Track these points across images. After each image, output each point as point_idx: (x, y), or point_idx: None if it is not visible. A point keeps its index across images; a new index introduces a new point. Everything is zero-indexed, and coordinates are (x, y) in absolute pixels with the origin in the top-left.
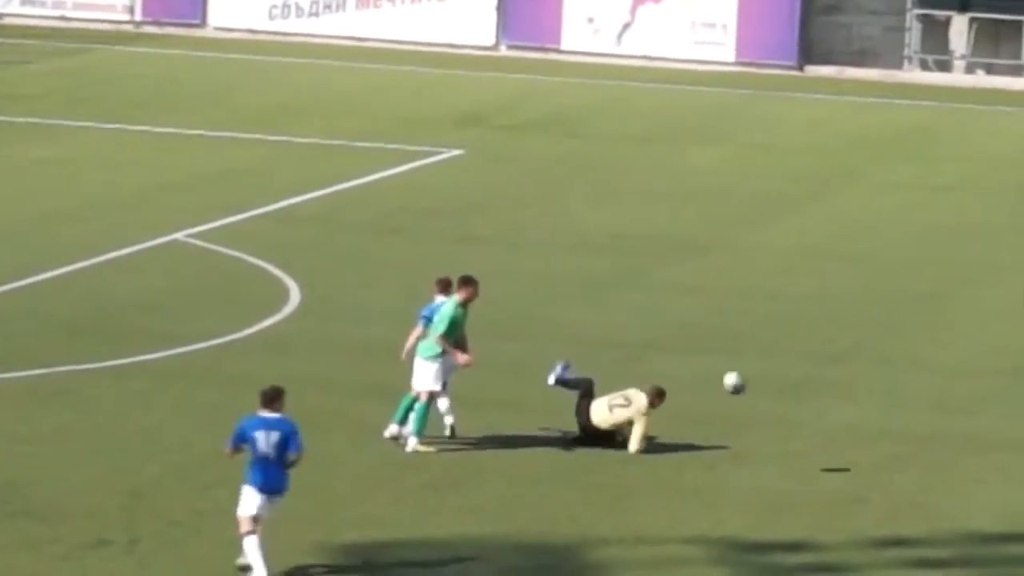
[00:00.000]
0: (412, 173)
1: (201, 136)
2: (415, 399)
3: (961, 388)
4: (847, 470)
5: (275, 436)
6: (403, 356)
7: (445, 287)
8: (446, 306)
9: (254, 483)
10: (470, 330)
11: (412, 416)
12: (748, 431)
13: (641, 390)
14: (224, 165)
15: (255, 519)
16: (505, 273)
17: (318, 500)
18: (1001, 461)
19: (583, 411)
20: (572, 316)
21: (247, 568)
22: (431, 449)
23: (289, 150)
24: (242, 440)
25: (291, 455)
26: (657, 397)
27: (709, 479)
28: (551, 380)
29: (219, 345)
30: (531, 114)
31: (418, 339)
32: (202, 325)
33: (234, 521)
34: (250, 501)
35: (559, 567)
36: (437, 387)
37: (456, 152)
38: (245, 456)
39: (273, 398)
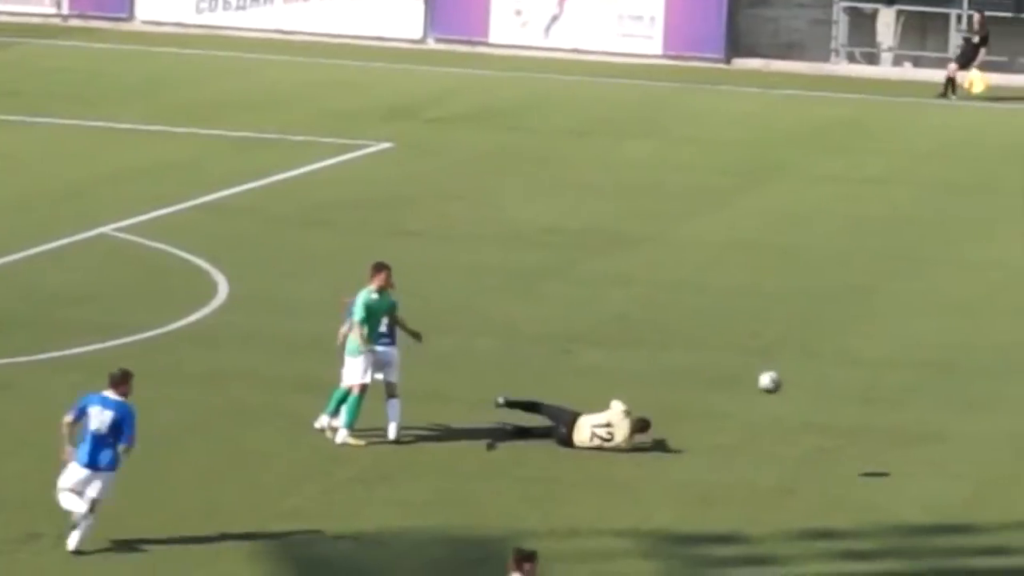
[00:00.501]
0: (341, 166)
1: (131, 130)
2: (348, 392)
3: (888, 381)
4: (886, 474)
5: (108, 416)
6: (337, 343)
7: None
8: (359, 296)
9: (79, 458)
10: (412, 323)
11: (343, 408)
12: (677, 424)
13: (624, 415)
14: (154, 159)
15: (75, 492)
16: (435, 266)
17: (247, 493)
18: (928, 453)
19: (564, 438)
20: (502, 309)
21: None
22: (360, 442)
23: (218, 143)
24: (81, 412)
25: (121, 445)
26: (640, 431)
27: (638, 472)
28: (500, 400)
29: (148, 338)
30: (460, 107)
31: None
32: (131, 318)
33: (162, 513)
34: (69, 475)
35: (489, 560)
36: (367, 380)
37: (385, 145)
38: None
39: (120, 381)
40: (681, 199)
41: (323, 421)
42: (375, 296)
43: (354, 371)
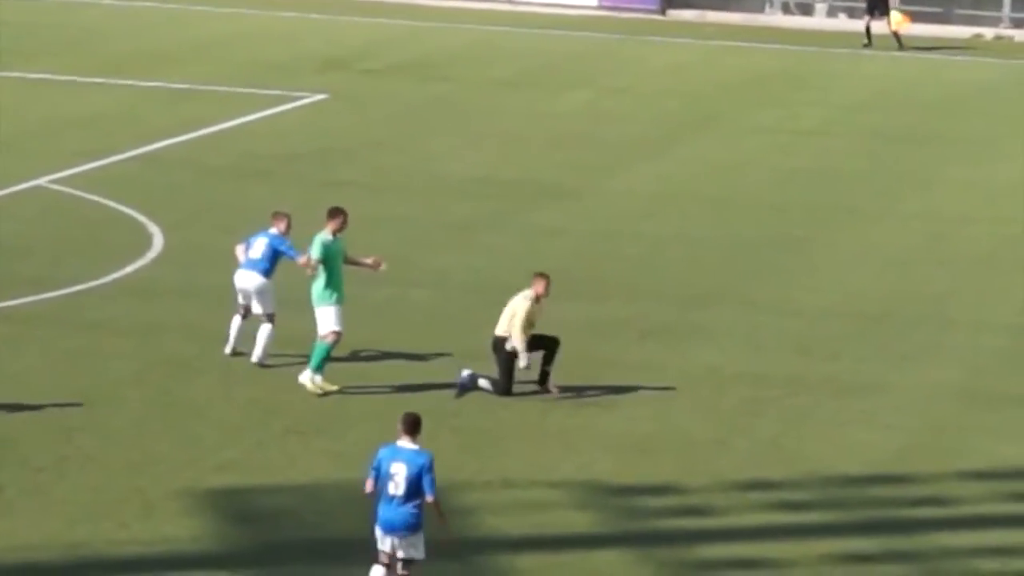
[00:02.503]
0: (276, 118)
1: (66, 82)
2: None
3: (823, 332)
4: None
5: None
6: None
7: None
8: (316, 237)
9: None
10: (346, 275)
11: (314, 354)
12: (612, 375)
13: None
14: (88, 110)
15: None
16: (369, 218)
17: (183, 446)
18: (862, 404)
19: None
20: (436, 261)
21: None
22: (334, 387)
23: (153, 95)
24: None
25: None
26: (540, 282)
27: (574, 423)
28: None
29: (83, 291)
30: (395, 58)
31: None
32: (66, 271)
33: (98, 466)
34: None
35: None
36: (340, 328)
37: (320, 96)
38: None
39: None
40: (616, 150)
41: (308, 377)
42: (330, 239)
43: (327, 321)
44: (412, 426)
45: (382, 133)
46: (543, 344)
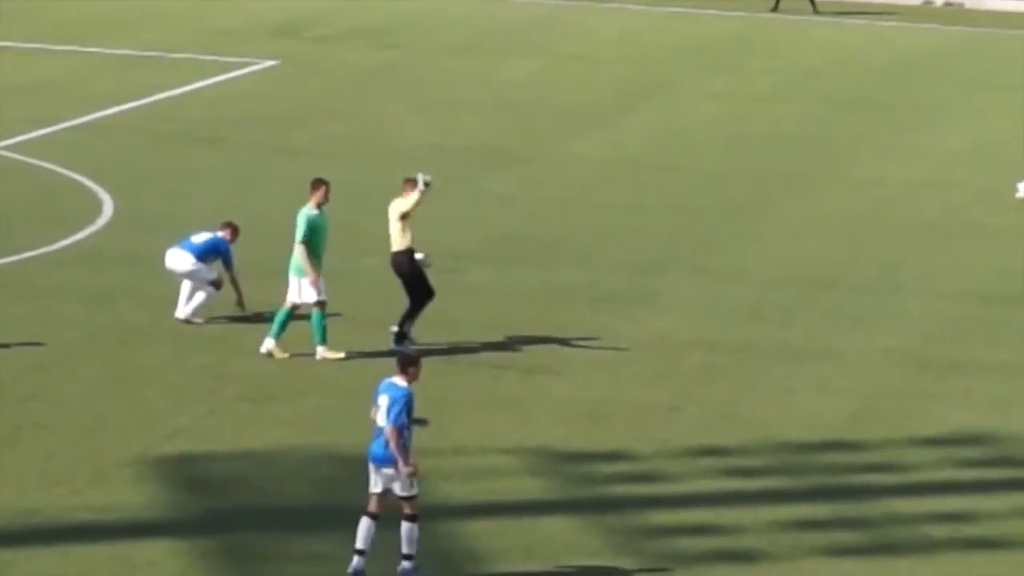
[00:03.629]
0: (226, 84)
1: (14, 48)
2: (289, 312)
3: (775, 298)
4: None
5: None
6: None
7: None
8: (300, 214)
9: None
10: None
11: (312, 329)
12: (563, 341)
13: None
14: (38, 77)
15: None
16: None
17: (135, 413)
18: (813, 370)
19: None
20: (386, 227)
21: None
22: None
23: (103, 61)
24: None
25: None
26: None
27: (525, 389)
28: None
29: (34, 257)
30: (346, 25)
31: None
32: (16, 237)
33: (50, 433)
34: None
35: None
36: (322, 296)
37: (270, 63)
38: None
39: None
40: (566, 117)
41: (268, 344)
42: (315, 212)
43: (307, 291)
44: (401, 363)
45: (333, 100)
46: (416, 291)
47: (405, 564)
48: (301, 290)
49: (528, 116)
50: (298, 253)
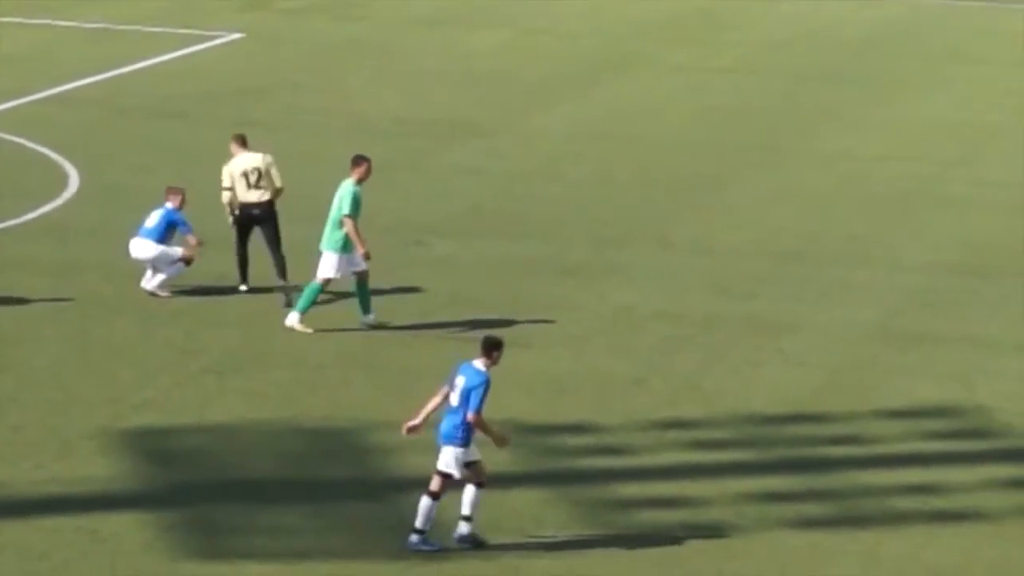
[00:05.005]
0: (192, 57)
1: None
2: (320, 288)
3: (740, 271)
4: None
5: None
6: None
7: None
8: (344, 188)
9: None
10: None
11: (359, 298)
12: (529, 313)
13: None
14: (3, 50)
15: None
16: (285, 157)
17: (101, 386)
18: (779, 343)
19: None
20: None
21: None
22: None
23: (69, 34)
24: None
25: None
26: (237, 141)
27: None
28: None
29: (0, 230)
30: None
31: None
32: None
33: (16, 406)
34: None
35: (342, 451)
36: (336, 275)
37: (236, 36)
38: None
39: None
40: (532, 90)
41: (292, 319)
42: (358, 188)
43: (327, 266)
44: (486, 347)
45: (297, 72)
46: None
47: (413, 537)
48: (339, 265)
49: (494, 89)
50: (348, 227)
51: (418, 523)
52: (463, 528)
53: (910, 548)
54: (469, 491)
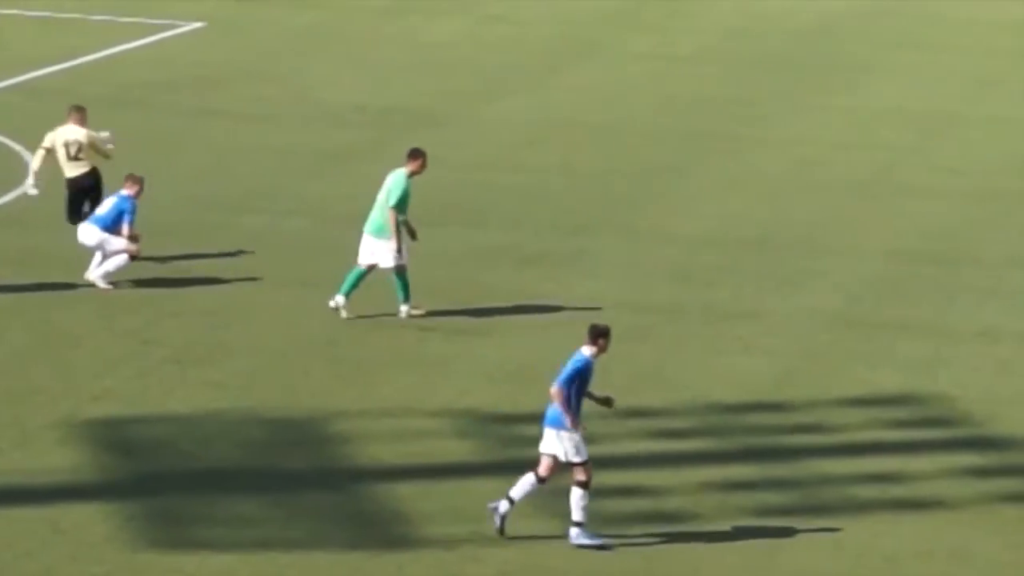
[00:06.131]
0: (153, 46)
1: None
2: (364, 272)
3: (701, 260)
4: None
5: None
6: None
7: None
8: (398, 182)
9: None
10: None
11: (396, 287)
12: (491, 303)
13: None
14: None
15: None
16: (245, 147)
17: (62, 375)
18: (740, 331)
19: None
20: (313, 189)
21: None
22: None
23: (27, 23)
24: None
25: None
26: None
27: (453, 350)
28: None
29: None
30: None
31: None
32: None
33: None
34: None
35: (302, 441)
36: (402, 261)
37: (197, 25)
38: None
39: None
40: (493, 78)
41: (338, 300)
42: (409, 181)
43: (386, 255)
44: (592, 334)
45: (258, 62)
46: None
47: (574, 531)
48: (376, 252)
49: (454, 77)
50: (388, 217)
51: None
52: (574, 532)
53: (871, 536)
54: (574, 493)
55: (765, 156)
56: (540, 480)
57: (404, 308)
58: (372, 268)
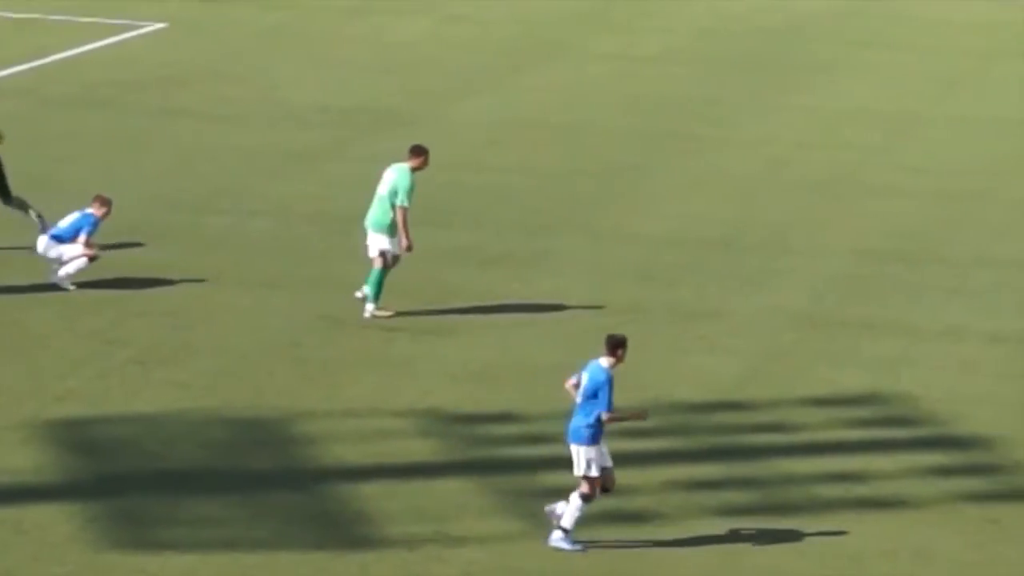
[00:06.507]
0: (116, 46)
1: None
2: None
3: (665, 259)
4: None
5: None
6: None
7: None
8: (404, 178)
9: None
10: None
11: (370, 282)
12: (454, 303)
13: None
14: None
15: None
16: (210, 147)
17: (24, 376)
18: (703, 330)
19: None
20: (279, 189)
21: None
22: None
23: None
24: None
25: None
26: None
27: (417, 351)
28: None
29: None
30: None
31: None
32: None
33: None
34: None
35: (267, 441)
36: (398, 253)
37: (160, 25)
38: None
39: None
40: (458, 78)
41: (369, 309)
42: (414, 176)
43: (382, 245)
44: (611, 345)
45: (222, 61)
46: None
47: (557, 534)
48: (379, 244)
49: (419, 77)
50: (400, 217)
51: (565, 522)
52: (556, 535)
53: (834, 535)
54: (572, 498)
55: (730, 156)
56: (604, 491)
57: (370, 307)
58: (391, 260)
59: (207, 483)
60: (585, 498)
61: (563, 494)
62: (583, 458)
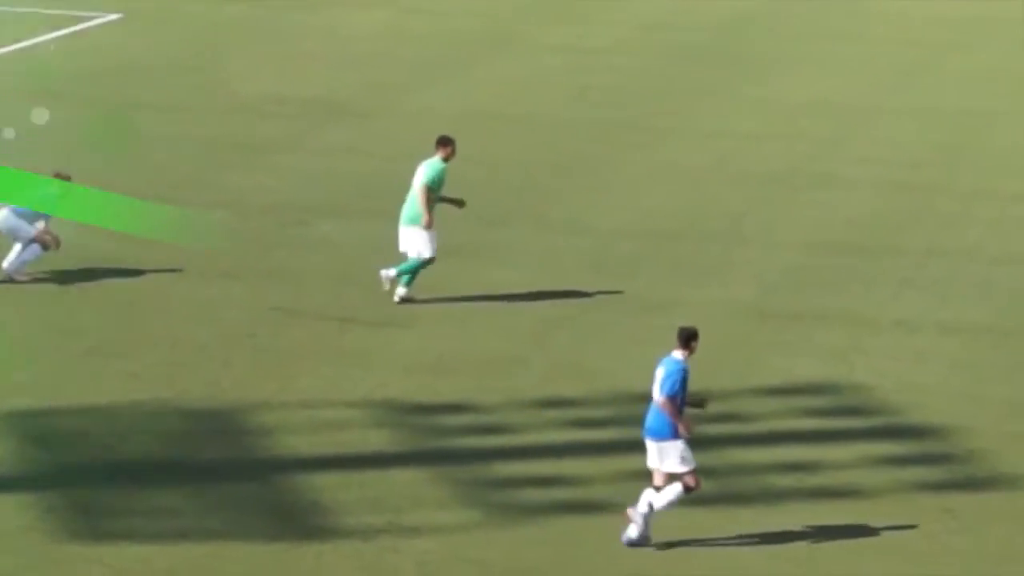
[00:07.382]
0: (71, 38)
1: None
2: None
3: (618, 250)
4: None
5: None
6: None
7: None
8: (433, 167)
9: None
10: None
11: (404, 268)
12: (409, 293)
13: None
14: None
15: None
16: (166, 138)
17: None
18: (658, 321)
19: None
20: (234, 181)
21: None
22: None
23: None
24: None
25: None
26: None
27: (371, 341)
28: None
29: None
30: None
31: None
32: None
33: None
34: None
35: (222, 432)
36: (432, 255)
37: (114, 16)
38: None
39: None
40: (412, 70)
41: (390, 273)
42: (442, 166)
43: (421, 244)
44: (683, 337)
45: (177, 53)
46: None
47: (643, 509)
48: (411, 240)
49: (375, 69)
50: (420, 197)
51: (658, 502)
52: (639, 511)
53: (788, 525)
54: (673, 486)
55: (684, 147)
56: (658, 490)
57: (402, 291)
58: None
59: (162, 474)
60: (688, 489)
61: (519, 483)
62: (673, 455)
